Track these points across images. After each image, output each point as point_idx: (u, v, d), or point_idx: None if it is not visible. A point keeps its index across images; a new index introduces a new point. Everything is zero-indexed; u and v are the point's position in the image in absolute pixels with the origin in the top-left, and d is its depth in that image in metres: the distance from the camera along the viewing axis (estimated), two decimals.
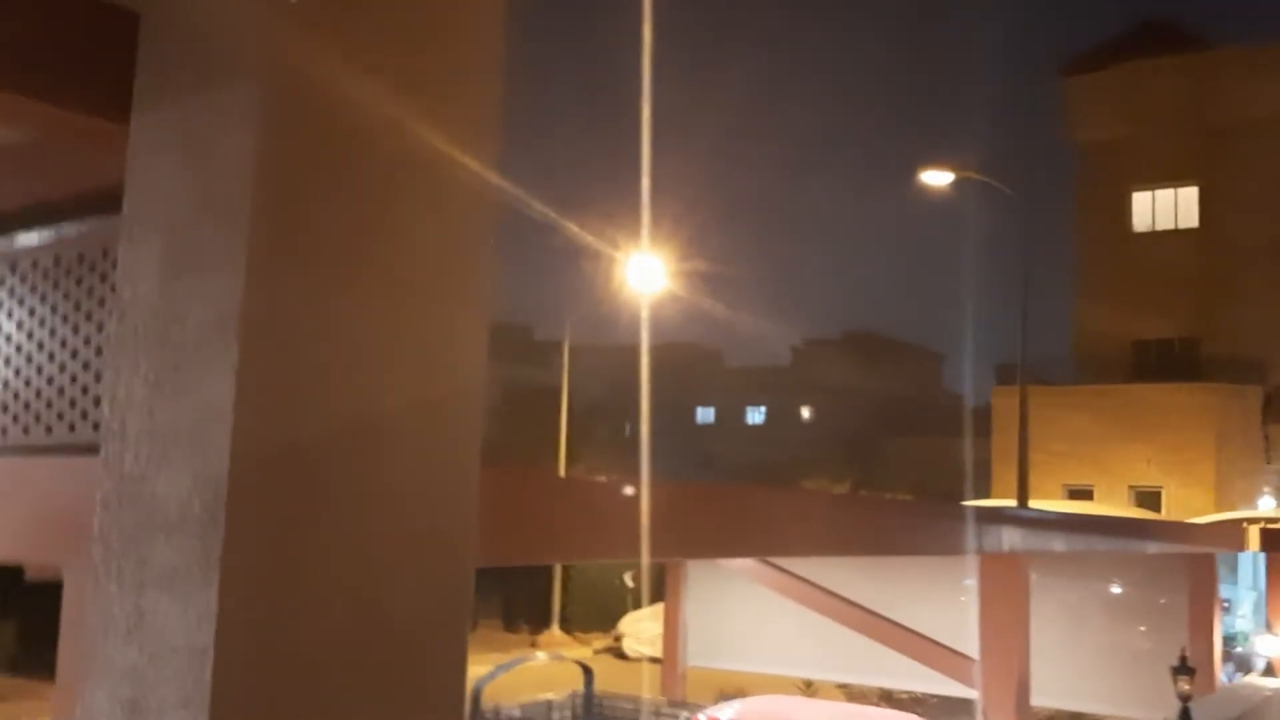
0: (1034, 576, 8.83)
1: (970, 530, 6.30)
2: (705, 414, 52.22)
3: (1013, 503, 19.32)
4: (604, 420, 34.71)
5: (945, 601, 11.04)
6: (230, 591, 2.05)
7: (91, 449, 2.76)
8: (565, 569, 29.70)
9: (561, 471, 26.03)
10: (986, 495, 28.25)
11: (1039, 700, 10.14)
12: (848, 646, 11.60)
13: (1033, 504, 20.61)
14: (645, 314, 23.99)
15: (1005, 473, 26.54)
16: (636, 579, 27.34)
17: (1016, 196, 21.28)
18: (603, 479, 4.18)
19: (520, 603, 29.09)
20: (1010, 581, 7.95)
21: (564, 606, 29.83)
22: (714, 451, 46.21)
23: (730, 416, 51.39)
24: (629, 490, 4.36)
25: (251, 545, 2.08)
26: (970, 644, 8.74)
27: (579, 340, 32.23)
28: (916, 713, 11.82)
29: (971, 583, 10.38)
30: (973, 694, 8.81)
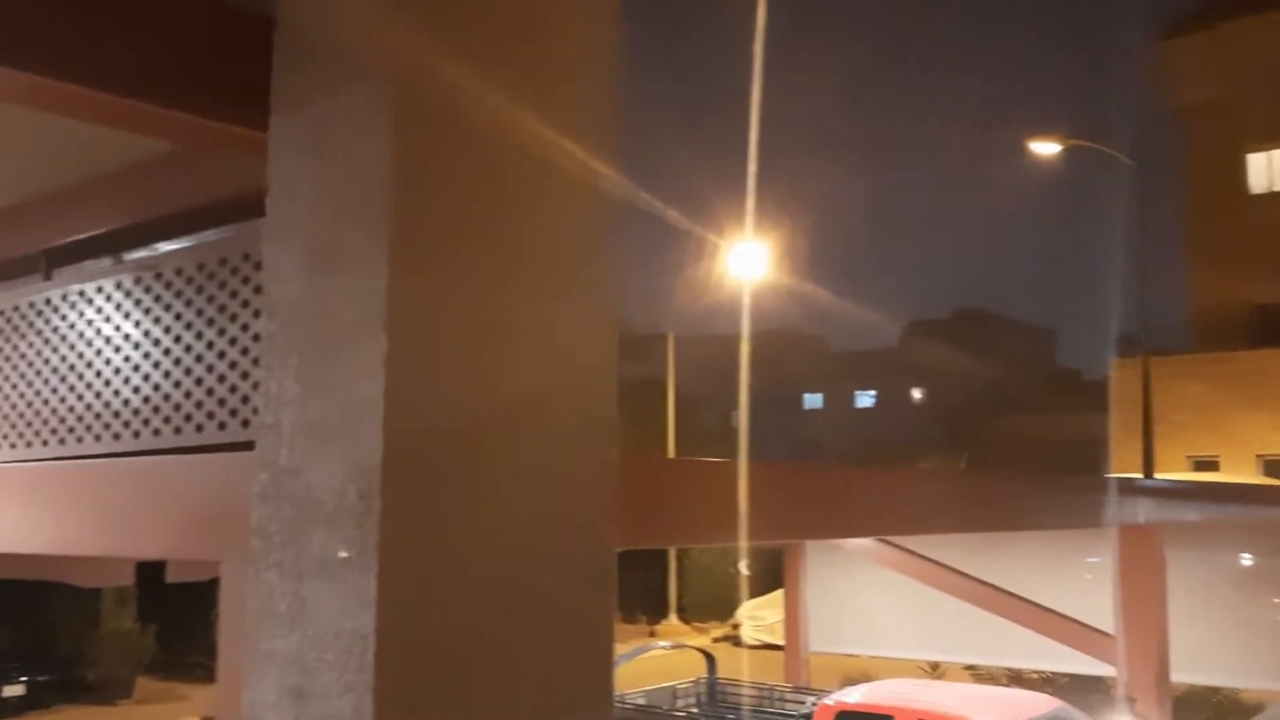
0: (1166, 550, 8.59)
1: (1102, 501, 6.16)
2: (812, 400, 51.87)
3: (1137, 476, 18.82)
4: (709, 411, 34.69)
5: (1069, 576, 10.80)
6: (388, 577, 2.10)
7: (241, 445, 2.86)
8: (680, 559, 29.79)
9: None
10: (1108, 471, 27.56)
11: (1177, 675, 9.87)
12: (974, 626, 11.42)
13: (1158, 476, 20.05)
14: (747, 301, 23.90)
15: (1125, 447, 25.83)
16: (751, 566, 27.30)
17: (1128, 162, 20.70)
18: (723, 460, 4.18)
19: (637, 593, 29.27)
20: (1146, 554, 7.74)
21: (680, 596, 29.93)
22: (822, 437, 45.89)
23: (838, 401, 50.93)
24: (747, 471, 4.36)
25: (406, 531, 2.13)
26: (1097, 619, 8.54)
27: (681, 332, 32.29)
28: (1047, 692, 11.61)
29: (1096, 559, 10.13)
30: (1107, 671, 8.61)
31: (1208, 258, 34.36)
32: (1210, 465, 29.31)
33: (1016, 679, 14.72)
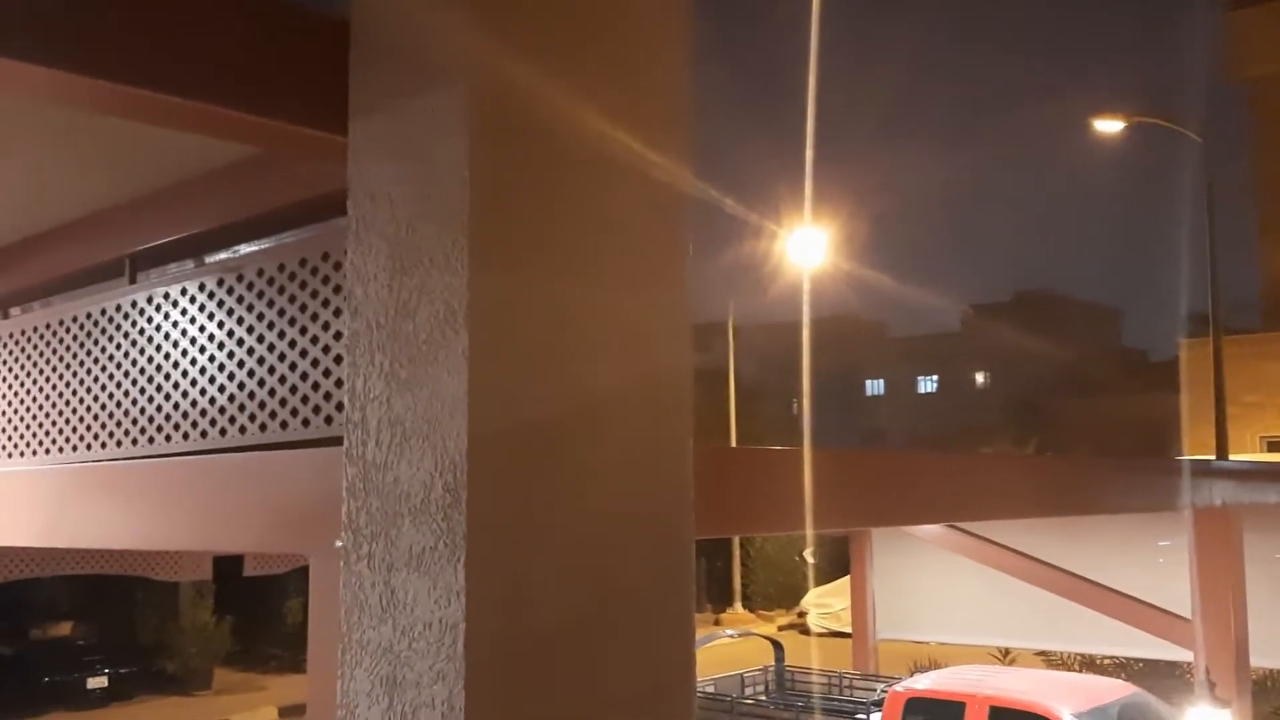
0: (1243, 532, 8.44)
1: (1177, 484, 6.07)
2: (874, 386, 51.51)
3: (1209, 458, 18.48)
4: (770, 400, 34.59)
5: (1141, 560, 10.65)
6: (476, 568, 2.15)
7: (326, 441, 2.93)
8: (744, 547, 29.77)
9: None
10: (1178, 453, 27.09)
11: (1255, 660, 9.71)
12: (1045, 612, 11.29)
13: (1232, 458, 19.68)
14: (807, 288, 23.76)
15: (1196, 428, 25.37)
16: (816, 554, 27.20)
17: (1195, 138, 20.28)
18: (789, 448, 4.19)
19: (702, 582, 29.32)
20: (1223, 536, 7.62)
21: (745, 584, 29.95)
22: (885, 423, 45.58)
23: (900, 387, 50.52)
24: (814, 459, 4.36)
25: (493, 522, 2.18)
26: (1171, 603, 8.41)
27: (741, 320, 32.21)
28: (1121, 678, 11.47)
29: (1169, 542, 9.98)
30: (1184, 656, 8.49)
31: (1278, 233, 33.60)
32: None
33: (1089, 665, 14.54)
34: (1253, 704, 9.58)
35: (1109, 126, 20.00)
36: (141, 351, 3.58)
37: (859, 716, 10.95)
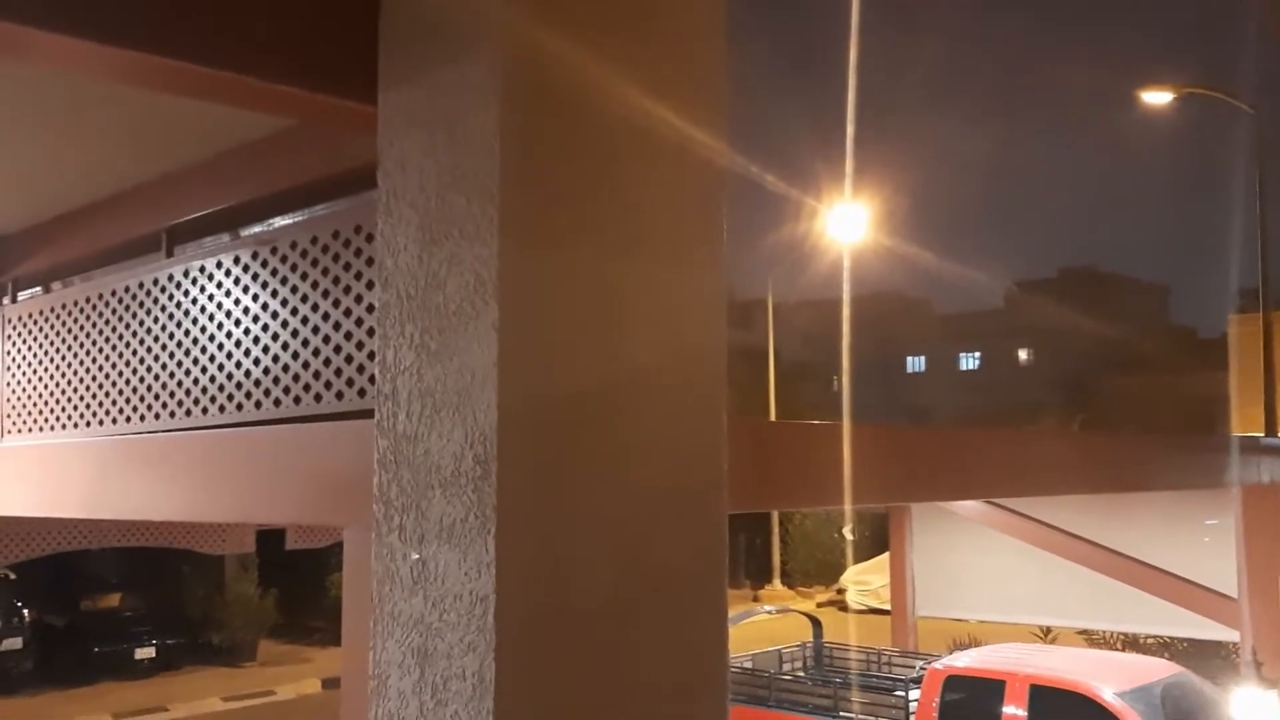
0: None
1: (1225, 461, 5.98)
2: (916, 363, 51.14)
3: (1258, 435, 18.20)
4: (811, 377, 34.43)
5: (1186, 539, 10.51)
6: (506, 539, 2.14)
7: (359, 414, 2.93)
8: (783, 523, 29.73)
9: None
10: (1227, 430, 26.68)
11: None
12: (1086, 590, 11.19)
13: None
14: (848, 264, 23.58)
15: (1245, 406, 24.98)
16: (855, 530, 27.11)
17: (1247, 109, 19.88)
18: (830, 423, 4.14)
19: (741, 558, 29.30)
20: (1272, 515, 7.50)
21: (784, 561, 29.90)
22: (928, 401, 45.27)
23: (943, 364, 50.12)
24: (855, 434, 4.32)
25: (523, 495, 2.17)
26: (1223, 583, 8.29)
27: (782, 297, 32.03)
28: (1164, 658, 11.35)
29: (1215, 521, 9.84)
30: (1229, 635, 8.38)
31: None
32: None
33: (1132, 644, 14.40)
34: None
35: (1158, 98, 19.64)
36: (178, 325, 3.60)
37: (898, 693, 10.90)
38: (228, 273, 3.40)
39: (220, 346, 3.41)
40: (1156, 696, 9.11)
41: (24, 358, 4.36)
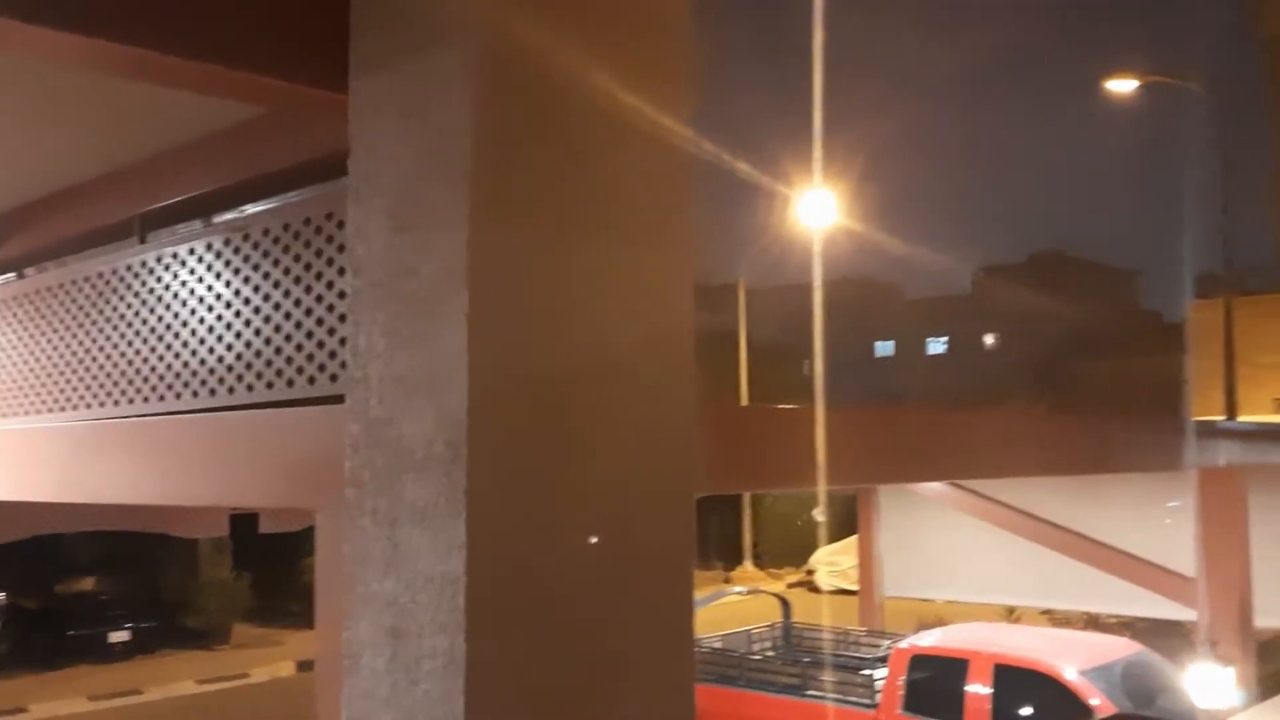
0: (1250, 492, 8.46)
1: (1183, 444, 6.10)
2: (885, 348, 51.43)
3: (1216, 418, 18.46)
4: (782, 361, 34.58)
5: (1148, 520, 10.67)
6: (477, 522, 2.19)
7: (331, 399, 2.97)
8: (755, 505, 29.89)
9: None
10: (1188, 414, 27.06)
11: (1262, 620, 9.74)
12: (1051, 571, 11.35)
13: (1242, 418, 19.65)
14: (818, 250, 23.68)
15: (1206, 390, 25.33)
16: (826, 512, 27.30)
17: (1210, 97, 20.12)
18: (799, 406, 4.20)
19: (712, 539, 29.46)
20: (1228, 497, 7.64)
21: (755, 542, 30.08)
22: (897, 385, 45.52)
23: (912, 349, 50.42)
24: (824, 417, 4.38)
25: (494, 478, 2.22)
26: (1182, 564, 8.44)
27: (754, 282, 32.11)
28: (1126, 637, 11.53)
29: (1177, 502, 10.01)
30: (1188, 615, 8.53)
31: None
32: None
33: (1094, 624, 14.61)
34: (1258, 664, 9.64)
35: (1123, 86, 19.82)
36: (152, 310, 3.62)
37: (864, 672, 11.04)
38: (200, 259, 3.43)
39: (194, 332, 3.44)
40: (1117, 675, 9.28)
41: None
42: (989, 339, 48.68)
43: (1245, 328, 25.21)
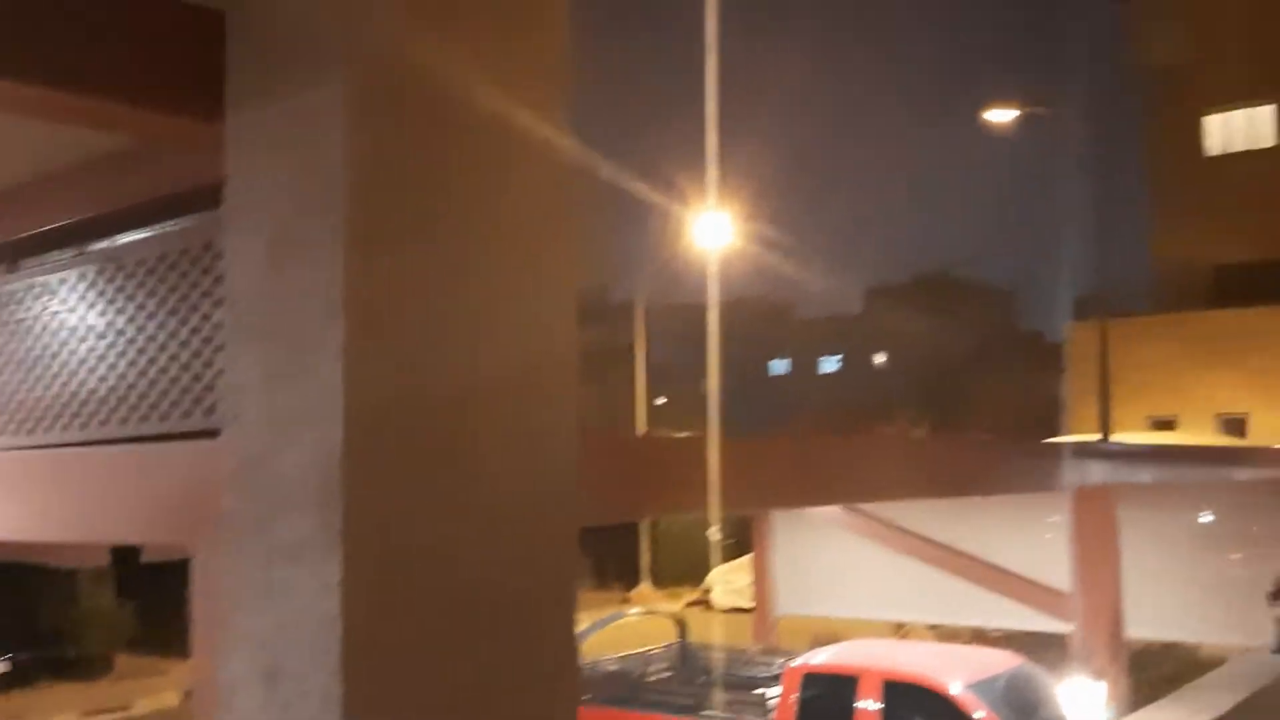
0: (1123, 510, 8.79)
1: (1057, 466, 6.30)
2: (780, 366, 52.15)
3: (1095, 437, 19.11)
4: (681, 379, 34.83)
5: (1031, 537, 11.00)
6: (354, 560, 2.17)
7: (207, 433, 2.91)
8: (652, 526, 29.98)
9: (640, 431, 26.27)
10: (1067, 432, 27.94)
11: (1133, 632, 10.09)
12: (938, 588, 11.62)
13: (1116, 437, 20.37)
14: (714, 270, 23.95)
15: (1084, 409, 26.20)
16: (723, 531, 27.53)
17: (1082, 126, 20.90)
18: (691, 435, 4.26)
19: (610, 562, 29.47)
20: (1100, 515, 7.92)
21: (653, 563, 30.17)
22: (790, 402, 46.15)
23: (805, 367, 51.25)
24: (710, 446, 4.44)
25: (371, 514, 2.21)
26: (1060, 579, 8.72)
27: (654, 300, 32.32)
28: (1008, 650, 11.84)
29: (1057, 519, 10.35)
30: (1065, 628, 8.82)
31: (1171, 220, 34.73)
32: (1169, 425, 29.79)
33: (979, 638, 14.97)
34: (1132, 674, 9.98)
35: (1003, 115, 20.46)
36: (22, 341, 3.51)
37: (759, 691, 11.14)
38: (73, 289, 3.34)
39: (65, 364, 3.35)
40: (1000, 688, 9.52)
41: None
42: (879, 358, 49.71)
43: (1122, 348, 26.16)
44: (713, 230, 24.30)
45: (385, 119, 2.31)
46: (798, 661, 10.64)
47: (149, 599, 18.53)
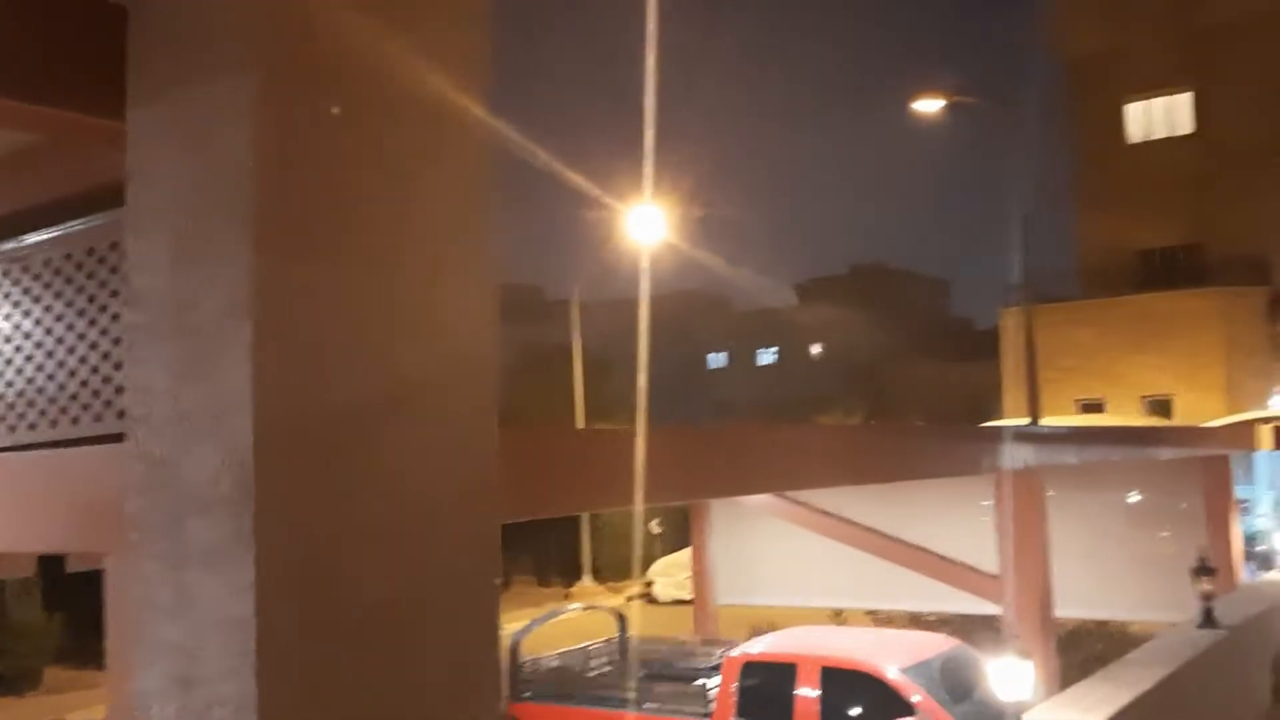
0: (1052, 491, 8.95)
1: (984, 450, 6.39)
2: (717, 359, 52.36)
3: (1026, 421, 19.43)
4: (619, 374, 34.85)
5: (964, 521, 11.17)
6: (266, 563, 2.13)
7: (119, 437, 2.85)
8: (594, 521, 29.98)
9: (579, 425, 26.26)
10: (1000, 416, 28.39)
11: (1064, 612, 10.27)
12: (873, 574, 11.75)
13: (1045, 420, 20.72)
14: (646, 264, 23.97)
15: (1017, 393, 26.60)
16: (664, 524, 27.61)
17: (1010, 115, 21.21)
18: (617, 428, 4.25)
19: (552, 557, 29.41)
20: (1027, 497, 8.04)
21: (595, 558, 30.17)
22: (728, 394, 46.36)
23: (742, 359, 51.50)
24: (643, 438, 4.43)
25: (283, 516, 2.17)
26: (991, 563, 8.86)
27: (591, 297, 32.28)
28: (944, 632, 12.01)
29: (988, 503, 10.51)
30: (997, 610, 8.97)
31: (1095, 206, 35.42)
32: (1097, 407, 30.40)
33: (915, 622, 15.16)
34: (1064, 653, 10.16)
35: (931, 105, 20.70)
36: None
37: (699, 682, 11.18)
38: None
39: None
40: (936, 670, 9.66)
41: None
42: (815, 348, 50.09)
43: (1050, 333, 26.61)
44: (646, 225, 24.32)
45: (294, 110, 2.26)
46: (736, 651, 10.70)
47: (76, 610, 18.16)
